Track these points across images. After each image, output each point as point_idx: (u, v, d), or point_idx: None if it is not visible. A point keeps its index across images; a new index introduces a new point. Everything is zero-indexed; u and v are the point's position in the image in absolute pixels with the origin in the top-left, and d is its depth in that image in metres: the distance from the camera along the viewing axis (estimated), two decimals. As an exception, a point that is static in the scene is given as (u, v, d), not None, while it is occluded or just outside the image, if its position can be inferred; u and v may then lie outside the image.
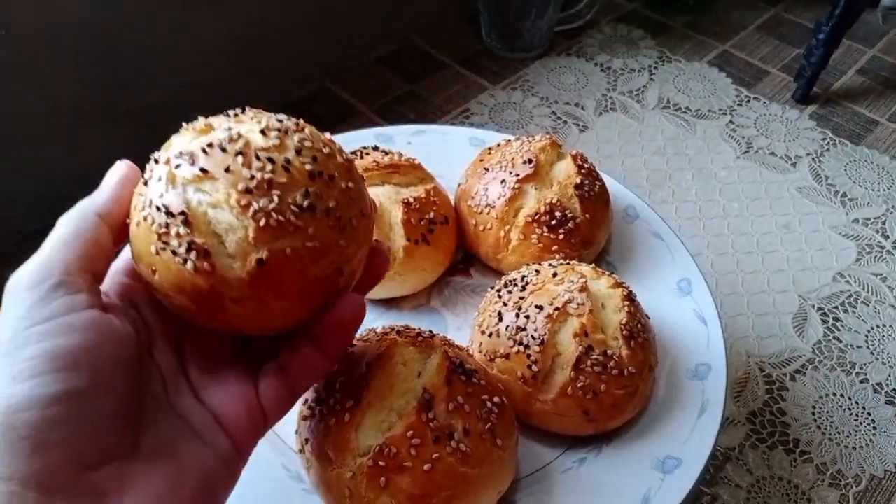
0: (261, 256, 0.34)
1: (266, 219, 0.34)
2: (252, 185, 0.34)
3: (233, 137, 0.36)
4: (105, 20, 0.82)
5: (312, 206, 0.35)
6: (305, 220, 0.35)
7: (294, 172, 0.35)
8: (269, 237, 0.34)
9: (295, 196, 0.35)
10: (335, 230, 0.36)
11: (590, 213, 0.66)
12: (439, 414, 0.48)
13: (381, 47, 1.16)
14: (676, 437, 0.56)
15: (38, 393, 0.30)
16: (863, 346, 0.82)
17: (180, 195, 0.35)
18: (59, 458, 0.30)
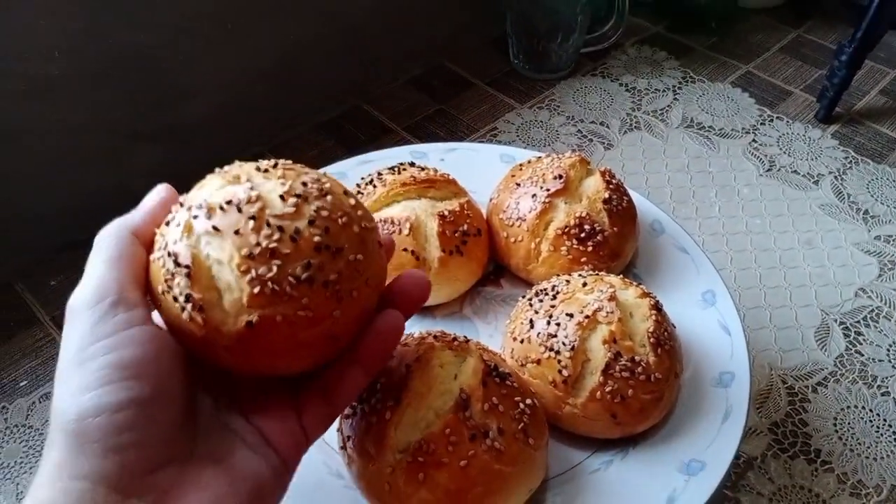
0: (251, 319, 0.36)
1: (261, 286, 0.36)
2: (255, 252, 0.36)
3: (251, 199, 0.37)
4: (146, 41, 0.86)
5: (311, 279, 0.36)
6: (301, 291, 0.36)
7: (300, 243, 0.37)
8: (262, 303, 0.36)
9: (295, 267, 0.36)
10: (331, 301, 0.37)
11: (618, 227, 0.68)
12: (475, 413, 0.51)
13: (412, 69, 1.20)
14: (700, 442, 0.58)
15: (106, 401, 0.32)
16: (884, 360, 0.83)
17: (190, 247, 0.37)
18: (128, 459, 0.33)
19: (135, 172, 0.93)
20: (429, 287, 0.45)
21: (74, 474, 0.32)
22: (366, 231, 0.40)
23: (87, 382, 0.33)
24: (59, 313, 0.83)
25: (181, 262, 0.36)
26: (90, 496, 0.32)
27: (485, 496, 0.50)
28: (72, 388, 0.33)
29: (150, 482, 0.33)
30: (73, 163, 0.87)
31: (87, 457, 0.32)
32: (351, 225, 0.39)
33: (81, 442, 0.32)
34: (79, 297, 0.36)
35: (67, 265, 0.89)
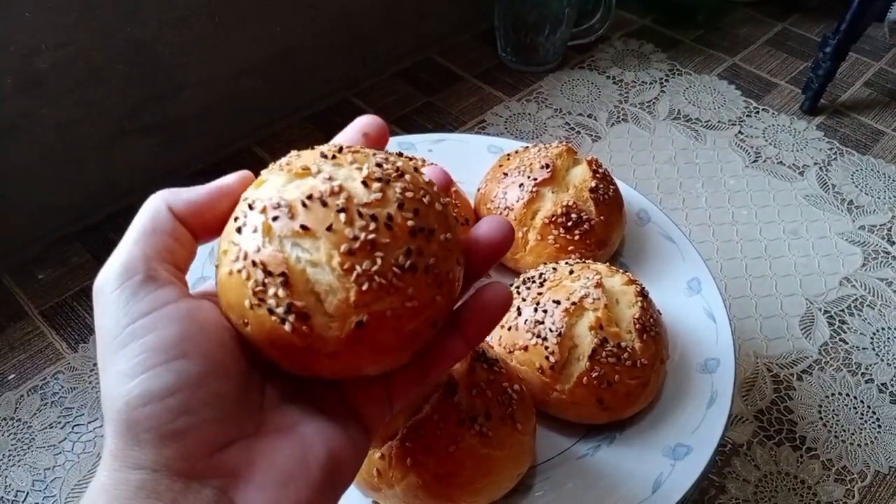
0: (361, 319, 0.33)
1: (369, 282, 0.33)
2: (355, 247, 0.33)
3: (334, 190, 0.34)
4: (136, 35, 0.86)
5: (414, 266, 0.34)
6: (406, 281, 0.34)
7: (396, 230, 0.34)
8: (371, 300, 0.33)
9: (397, 256, 0.33)
10: (433, 287, 0.35)
11: (604, 216, 0.69)
12: (463, 399, 0.51)
13: (400, 62, 1.20)
14: (686, 426, 0.59)
15: (153, 386, 0.30)
16: (868, 348, 0.84)
17: (278, 252, 0.33)
18: (187, 444, 0.31)
19: (125, 167, 0.94)
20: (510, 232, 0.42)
21: (131, 465, 0.30)
22: (446, 207, 0.38)
23: (129, 369, 0.31)
24: (48, 307, 0.84)
25: (273, 270, 0.33)
26: (151, 486, 0.30)
27: (473, 480, 0.51)
28: (115, 377, 0.31)
29: (216, 463, 0.31)
30: (62, 157, 0.87)
31: (143, 446, 0.30)
32: (434, 203, 0.37)
33: (135, 432, 0.30)
34: (105, 277, 0.33)
35: (57, 260, 0.89)
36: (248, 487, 0.32)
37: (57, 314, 0.84)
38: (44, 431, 0.74)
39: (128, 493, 0.30)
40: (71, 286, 0.87)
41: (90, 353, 0.80)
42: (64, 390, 0.77)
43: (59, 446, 0.73)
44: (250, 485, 0.32)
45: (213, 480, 0.31)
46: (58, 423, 0.75)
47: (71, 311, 0.84)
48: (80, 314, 0.84)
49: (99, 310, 0.33)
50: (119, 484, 0.30)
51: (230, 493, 0.31)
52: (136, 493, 0.30)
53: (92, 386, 0.77)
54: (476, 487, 0.51)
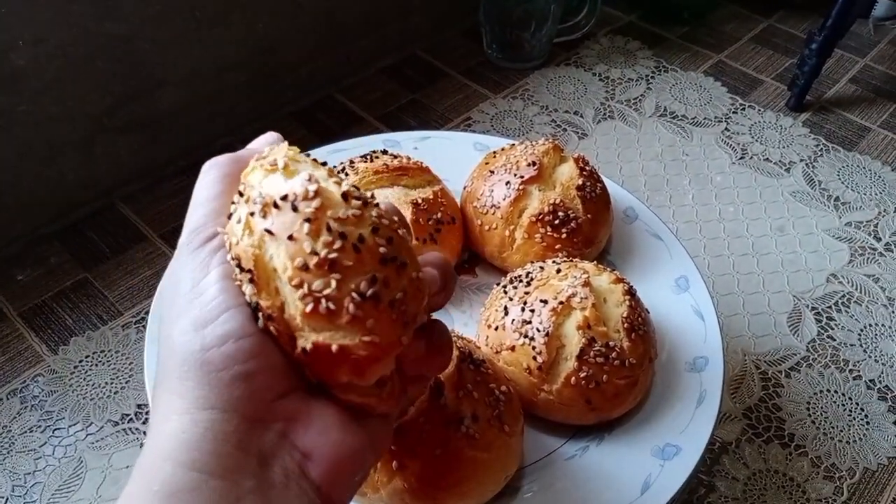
0: (305, 346, 0.31)
1: (315, 304, 0.30)
2: (311, 263, 0.30)
3: (308, 195, 0.31)
4: (115, 31, 0.84)
5: (377, 296, 0.31)
6: (365, 311, 0.30)
7: (364, 254, 0.31)
8: (318, 325, 0.31)
9: (359, 282, 0.30)
10: (398, 325, 0.32)
11: (591, 214, 0.68)
12: (449, 400, 0.50)
13: (385, 59, 1.19)
14: (675, 426, 0.58)
15: (229, 328, 0.31)
16: (856, 345, 0.84)
17: (252, 248, 0.32)
18: (255, 386, 0.31)
19: (105, 165, 0.92)
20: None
21: (201, 405, 0.31)
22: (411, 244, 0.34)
23: (206, 313, 0.32)
24: (27, 309, 0.82)
25: (244, 265, 0.32)
26: (220, 426, 0.30)
27: (459, 483, 0.50)
28: (192, 321, 0.32)
29: (278, 408, 0.32)
30: (40, 155, 0.86)
31: (214, 386, 0.31)
32: (407, 237, 0.34)
33: (208, 371, 0.31)
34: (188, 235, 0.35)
35: (35, 260, 0.88)
36: (310, 429, 0.32)
37: (36, 316, 0.82)
38: (24, 435, 0.73)
39: (196, 435, 0.30)
40: (51, 287, 0.85)
41: (70, 356, 0.79)
42: (44, 393, 0.76)
43: (39, 451, 0.72)
44: (311, 427, 0.33)
45: (275, 424, 0.32)
46: (38, 427, 0.73)
47: (51, 313, 0.83)
48: (59, 315, 0.82)
49: (177, 266, 0.34)
50: (187, 427, 0.30)
51: (291, 435, 0.32)
52: (205, 435, 0.30)
53: (72, 389, 0.76)
54: (463, 490, 0.50)
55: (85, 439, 0.73)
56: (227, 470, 0.30)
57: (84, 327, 0.82)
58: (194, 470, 0.29)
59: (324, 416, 0.33)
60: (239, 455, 0.30)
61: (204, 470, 0.29)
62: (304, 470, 0.32)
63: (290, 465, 0.32)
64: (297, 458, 0.32)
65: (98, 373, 0.78)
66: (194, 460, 0.29)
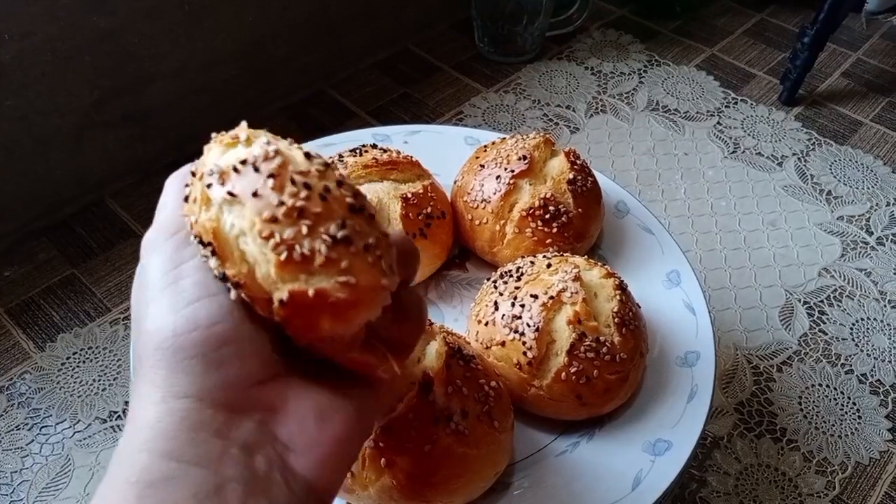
0: (282, 297, 0.30)
1: (288, 252, 0.29)
2: (279, 213, 0.30)
3: (269, 155, 0.31)
4: (107, 24, 0.84)
5: (349, 239, 0.30)
6: (340, 253, 0.30)
7: (332, 202, 0.31)
8: (293, 273, 0.30)
9: (329, 227, 0.30)
10: (375, 268, 0.31)
11: (582, 208, 0.68)
12: (438, 397, 0.50)
13: (377, 53, 1.18)
14: (667, 421, 0.58)
15: (200, 314, 0.31)
16: (848, 339, 0.84)
17: (210, 221, 0.31)
18: (229, 373, 0.31)
19: (94, 160, 0.91)
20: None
21: (176, 393, 0.30)
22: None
23: (177, 300, 0.31)
24: (14, 305, 0.81)
25: (204, 239, 0.31)
26: (196, 415, 0.30)
27: (449, 480, 0.50)
28: (163, 308, 0.31)
29: (255, 397, 0.32)
30: (28, 151, 0.85)
31: (187, 373, 0.30)
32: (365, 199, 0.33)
33: (180, 358, 0.30)
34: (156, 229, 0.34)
35: (23, 256, 0.87)
36: (289, 420, 0.32)
37: (23, 312, 0.82)
38: (10, 433, 0.72)
39: (172, 424, 0.29)
40: (38, 283, 0.85)
41: (58, 353, 0.78)
42: (31, 391, 0.75)
43: (26, 448, 0.71)
44: (290, 418, 0.32)
45: (253, 413, 0.31)
46: (25, 425, 0.73)
47: (38, 310, 0.82)
48: (47, 312, 0.82)
49: (147, 259, 0.34)
50: (162, 416, 0.30)
51: (270, 425, 0.32)
52: (181, 424, 0.30)
53: (60, 386, 0.75)
54: (452, 487, 0.50)
55: (72, 437, 0.72)
56: (207, 458, 0.29)
57: (72, 324, 0.81)
58: (172, 459, 0.29)
59: (302, 406, 0.33)
60: (219, 443, 0.30)
61: (182, 459, 0.29)
62: (286, 461, 0.31)
63: (273, 456, 0.31)
64: (278, 450, 0.31)
65: (86, 370, 0.77)
66: (171, 449, 0.29)
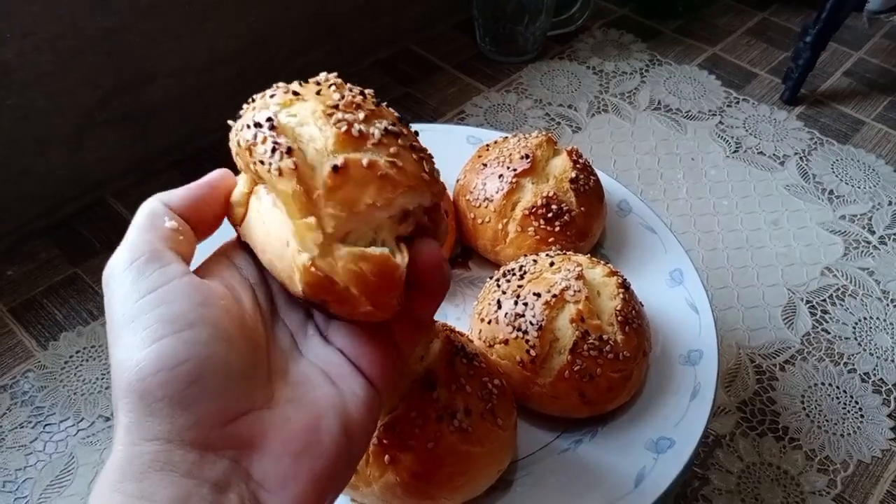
0: (336, 163, 0.33)
1: (348, 126, 0.33)
2: (340, 103, 0.34)
3: (329, 79, 0.37)
4: (108, 22, 0.84)
5: (398, 133, 0.35)
6: (390, 140, 0.34)
7: (382, 109, 0.36)
8: (349, 145, 0.33)
9: (382, 122, 0.35)
10: (419, 164, 0.35)
11: (585, 207, 0.68)
12: (442, 394, 0.50)
13: (377, 52, 1.18)
14: (669, 420, 0.58)
15: (163, 355, 0.30)
16: (850, 338, 0.84)
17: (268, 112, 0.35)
18: (198, 413, 0.31)
19: (95, 159, 0.91)
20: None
21: (145, 436, 0.30)
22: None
23: (139, 340, 0.31)
24: (17, 304, 0.81)
25: (261, 122, 0.34)
26: (165, 457, 0.30)
27: (452, 477, 0.50)
28: (126, 349, 0.31)
29: (229, 434, 0.31)
30: (30, 150, 0.85)
31: (156, 416, 0.30)
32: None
33: (148, 402, 0.30)
34: (112, 264, 0.34)
35: (25, 255, 0.87)
36: (264, 458, 0.32)
37: (26, 311, 0.82)
38: (14, 431, 0.72)
39: (141, 467, 0.30)
40: (40, 282, 0.85)
41: (61, 351, 0.78)
42: (34, 389, 0.75)
43: (30, 446, 0.71)
44: (265, 455, 0.32)
45: (227, 451, 0.31)
46: (28, 423, 0.73)
47: (41, 308, 0.82)
48: (49, 311, 0.82)
49: (108, 292, 0.33)
50: (133, 459, 0.30)
51: (244, 463, 0.31)
52: (151, 465, 0.30)
53: (63, 384, 0.76)
54: (456, 485, 0.50)
55: (76, 435, 0.72)
56: (176, 499, 0.29)
57: (74, 322, 0.81)
58: (144, 499, 0.29)
59: (280, 441, 0.32)
60: (188, 483, 0.30)
61: (153, 499, 0.29)
62: (258, 499, 0.31)
63: (245, 494, 0.31)
64: (251, 487, 0.31)
65: (89, 368, 0.77)
66: (142, 490, 0.29)
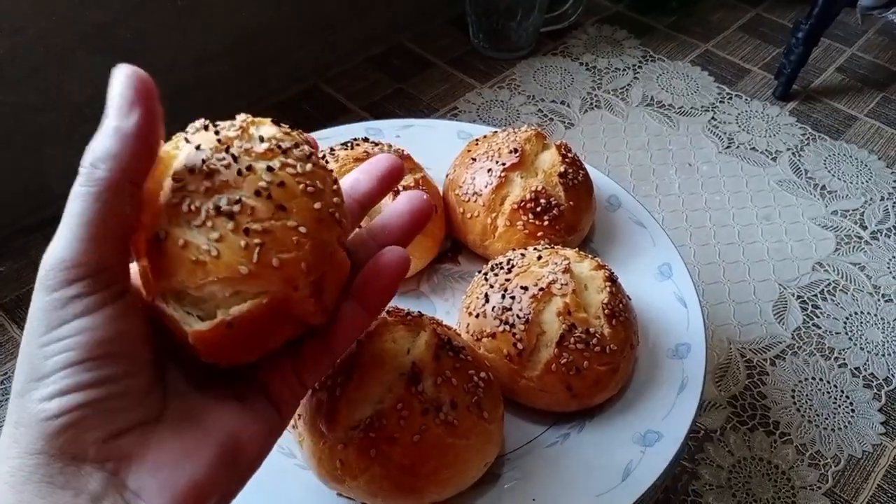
0: (158, 232, 0.34)
1: (179, 201, 0.34)
2: (197, 167, 0.34)
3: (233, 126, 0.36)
4: (98, 18, 0.83)
5: (230, 214, 0.34)
6: (214, 223, 0.34)
7: (243, 178, 0.34)
8: (176, 219, 0.34)
9: (221, 198, 0.34)
10: (247, 250, 0.33)
11: (573, 201, 0.68)
12: (427, 387, 0.50)
13: (371, 48, 1.18)
14: (657, 413, 0.58)
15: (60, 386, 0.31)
16: (841, 333, 0.84)
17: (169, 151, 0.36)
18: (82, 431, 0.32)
19: (85, 154, 0.91)
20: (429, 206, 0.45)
21: (31, 450, 0.31)
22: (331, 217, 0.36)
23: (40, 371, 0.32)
24: (9, 300, 0.81)
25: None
26: (45, 469, 0.31)
27: (438, 470, 0.50)
28: (27, 374, 0.32)
29: (110, 448, 0.32)
30: (21, 146, 0.85)
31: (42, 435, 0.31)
32: (314, 198, 0.35)
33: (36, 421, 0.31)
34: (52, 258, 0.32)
35: (17, 251, 0.87)
36: (142, 469, 0.33)
37: (18, 307, 0.82)
38: (3, 427, 0.72)
39: (22, 477, 0.31)
40: (32, 279, 0.82)
41: (51, 347, 0.78)
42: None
43: (18, 442, 0.71)
44: (143, 466, 0.33)
45: (106, 464, 0.32)
46: (17, 419, 0.73)
47: (31, 305, 0.82)
48: (40, 307, 0.81)
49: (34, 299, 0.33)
50: (15, 470, 0.31)
51: (121, 474, 0.33)
52: (30, 477, 0.31)
53: (52, 380, 0.75)
54: (442, 478, 0.50)
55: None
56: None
57: (65, 319, 0.81)
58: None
59: (162, 453, 0.34)
60: (66, 494, 0.31)
61: None
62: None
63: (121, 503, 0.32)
64: (127, 497, 0.32)
65: (79, 364, 0.77)
66: (21, 501, 0.31)
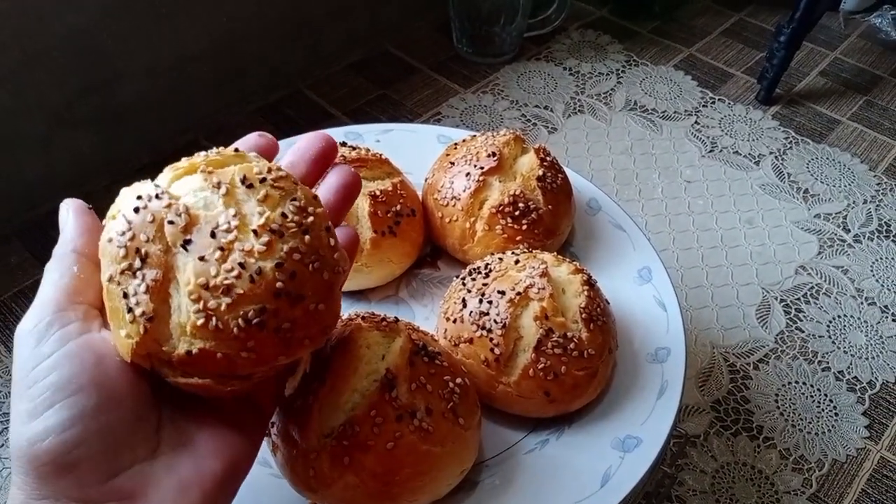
0: (191, 349, 0.35)
1: (206, 319, 0.35)
2: (211, 283, 0.35)
3: (229, 227, 0.36)
4: (79, 23, 0.83)
5: (262, 324, 0.36)
6: (248, 334, 0.35)
7: (259, 285, 0.36)
8: (205, 335, 0.35)
9: (248, 310, 0.35)
10: (279, 346, 0.37)
11: (552, 205, 0.67)
12: (402, 394, 0.49)
13: (354, 53, 1.18)
14: (636, 418, 0.58)
15: (52, 423, 0.33)
16: (824, 336, 0.84)
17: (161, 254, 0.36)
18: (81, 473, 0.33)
19: (65, 160, 0.90)
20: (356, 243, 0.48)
21: (34, 495, 0.33)
22: (335, 276, 0.39)
23: (33, 408, 0.33)
24: (-16, 310, 0.80)
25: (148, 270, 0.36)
26: None
27: (413, 478, 0.49)
28: (21, 417, 0.34)
29: (111, 489, 0.34)
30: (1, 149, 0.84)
31: (42, 479, 0.33)
32: (321, 271, 0.38)
33: (35, 466, 0.33)
34: (21, 325, 0.36)
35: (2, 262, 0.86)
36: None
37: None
38: (-23, 437, 0.71)
39: None
40: (9, 287, 0.83)
41: (26, 355, 0.77)
42: (2, 395, 0.74)
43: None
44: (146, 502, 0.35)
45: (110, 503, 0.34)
46: (-8, 429, 0.72)
47: (9, 313, 0.81)
48: (18, 316, 0.80)
49: (14, 355, 0.36)
50: None
51: None
52: None
53: (27, 389, 0.74)
54: (417, 485, 0.49)
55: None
56: None
57: (41, 326, 0.80)
58: None
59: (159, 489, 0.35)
60: None
61: None
62: None
63: None
64: None
65: (54, 372, 0.76)
66: None
